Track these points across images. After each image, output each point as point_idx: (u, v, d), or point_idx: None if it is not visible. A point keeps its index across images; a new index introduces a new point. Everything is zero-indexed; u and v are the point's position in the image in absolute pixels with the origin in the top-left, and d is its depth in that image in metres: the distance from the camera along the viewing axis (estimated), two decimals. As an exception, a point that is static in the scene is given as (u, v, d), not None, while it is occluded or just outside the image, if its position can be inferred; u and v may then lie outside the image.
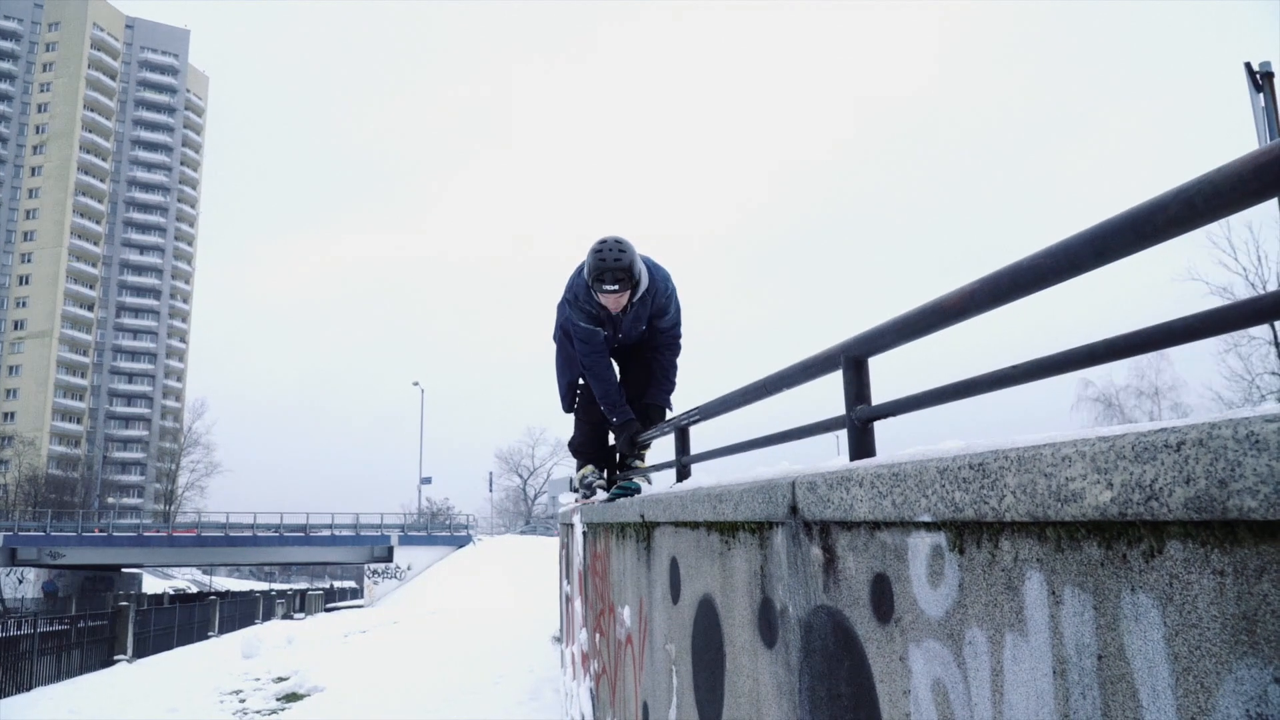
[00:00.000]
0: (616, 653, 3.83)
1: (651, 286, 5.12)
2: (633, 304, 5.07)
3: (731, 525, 2.28)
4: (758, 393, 2.51)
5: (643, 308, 5.16)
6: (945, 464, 1.31)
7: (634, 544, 3.46)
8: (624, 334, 5.23)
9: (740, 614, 2.21)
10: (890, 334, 1.81)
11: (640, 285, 5.00)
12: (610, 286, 4.83)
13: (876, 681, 1.53)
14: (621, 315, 5.13)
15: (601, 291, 4.86)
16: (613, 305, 4.97)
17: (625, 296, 4.95)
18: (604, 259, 4.82)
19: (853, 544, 1.62)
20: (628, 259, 4.85)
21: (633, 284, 4.90)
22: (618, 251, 4.84)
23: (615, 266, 4.80)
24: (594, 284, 4.86)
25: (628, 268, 4.83)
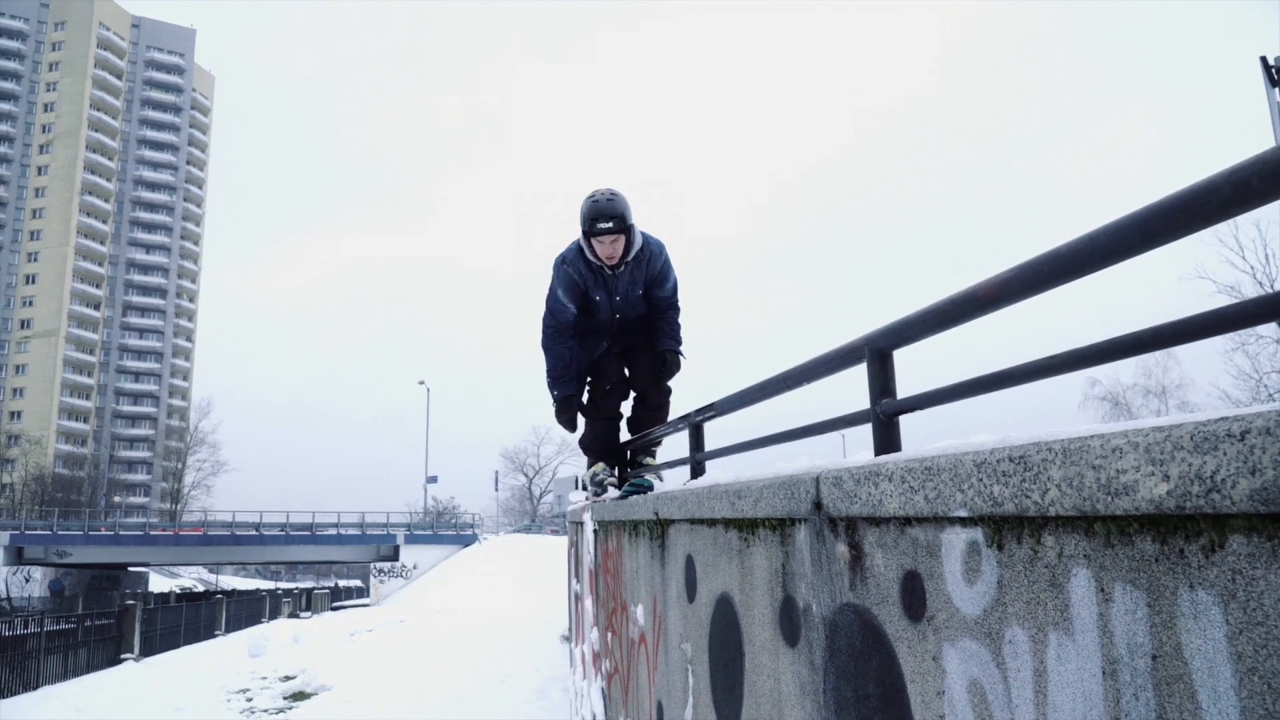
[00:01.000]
0: (629, 652, 3.79)
1: (646, 249, 5.13)
2: (627, 263, 5.07)
3: (751, 522, 2.23)
4: (776, 387, 2.46)
5: (638, 270, 5.13)
6: (982, 457, 1.26)
7: (647, 542, 3.41)
8: (621, 298, 5.16)
9: (760, 612, 2.17)
10: (918, 325, 1.76)
11: (634, 241, 5.04)
12: (604, 224, 4.84)
13: (907, 681, 1.48)
14: (615, 275, 5.09)
15: (596, 235, 4.89)
16: (607, 253, 4.96)
17: (620, 244, 4.95)
18: (596, 201, 4.89)
19: (881, 540, 1.57)
20: (620, 203, 4.89)
21: (626, 229, 4.92)
22: (609, 194, 4.91)
23: (608, 208, 4.85)
24: (587, 230, 4.89)
25: (621, 212, 4.87)
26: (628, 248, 5.04)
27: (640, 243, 5.09)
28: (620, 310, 5.21)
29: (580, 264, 5.14)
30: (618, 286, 5.14)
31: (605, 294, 5.16)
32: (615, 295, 5.16)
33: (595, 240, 4.93)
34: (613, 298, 5.16)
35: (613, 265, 5.07)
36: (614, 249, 4.96)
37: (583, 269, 5.14)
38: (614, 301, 5.18)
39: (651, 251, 5.15)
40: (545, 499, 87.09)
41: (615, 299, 5.16)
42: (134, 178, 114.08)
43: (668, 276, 5.22)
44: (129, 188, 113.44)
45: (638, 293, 5.18)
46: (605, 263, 5.03)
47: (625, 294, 5.16)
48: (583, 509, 5.53)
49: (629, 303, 5.20)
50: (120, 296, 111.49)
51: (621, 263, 5.06)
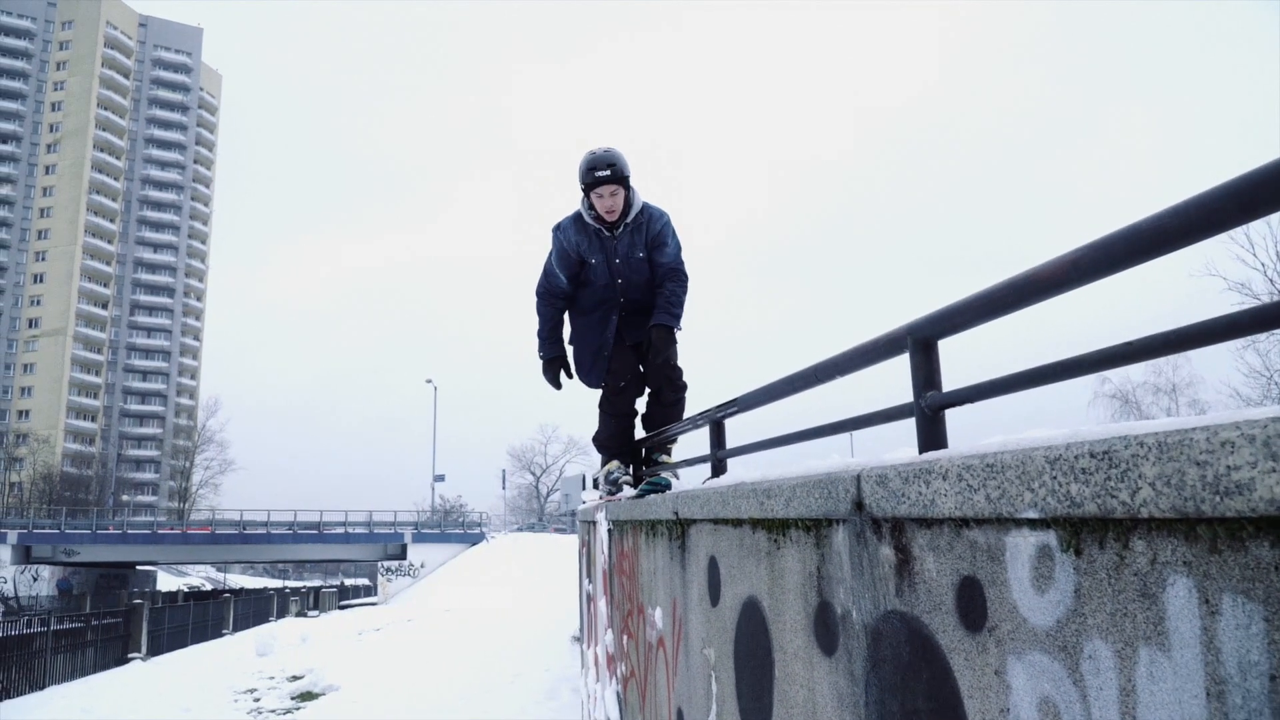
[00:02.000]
0: (647, 656, 3.67)
1: (645, 211, 5.08)
2: (626, 224, 5.01)
3: (781, 523, 2.12)
4: (806, 381, 2.34)
5: (638, 234, 5.06)
6: (1057, 453, 1.15)
7: (666, 542, 3.30)
8: (621, 260, 5.05)
9: (792, 618, 2.05)
10: (968, 312, 1.64)
11: (634, 200, 5.01)
12: (602, 172, 4.83)
13: (965, 698, 1.37)
14: (614, 238, 5.01)
15: (595, 185, 4.86)
16: (607, 208, 4.92)
17: (619, 197, 4.92)
18: (594, 153, 4.91)
19: (933, 544, 1.46)
20: (616, 154, 4.90)
21: (623, 179, 4.88)
22: (605, 148, 4.93)
23: (605, 156, 4.86)
24: (587, 184, 4.88)
25: (617, 161, 4.86)
26: (627, 206, 4.99)
27: (640, 204, 5.06)
28: (621, 274, 5.10)
29: (574, 229, 5.11)
30: (616, 249, 5.05)
31: (603, 256, 5.08)
32: (615, 258, 5.07)
33: (594, 194, 4.91)
34: (611, 260, 5.07)
35: (611, 225, 5.00)
36: (614, 202, 4.91)
37: (576, 234, 5.10)
38: (613, 265, 5.08)
39: (651, 215, 5.10)
40: (552, 497, 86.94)
41: (615, 261, 5.07)
42: (141, 177, 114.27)
43: (667, 239, 5.11)
44: (136, 187, 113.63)
45: (639, 255, 5.07)
46: (605, 219, 4.97)
47: (625, 256, 5.07)
48: (596, 508, 5.41)
49: (630, 266, 5.09)
50: (128, 295, 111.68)
51: (620, 222, 5.00)
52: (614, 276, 5.11)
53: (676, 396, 5.17)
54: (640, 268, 5.10)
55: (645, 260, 5.09)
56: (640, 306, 5.18)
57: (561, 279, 5.22)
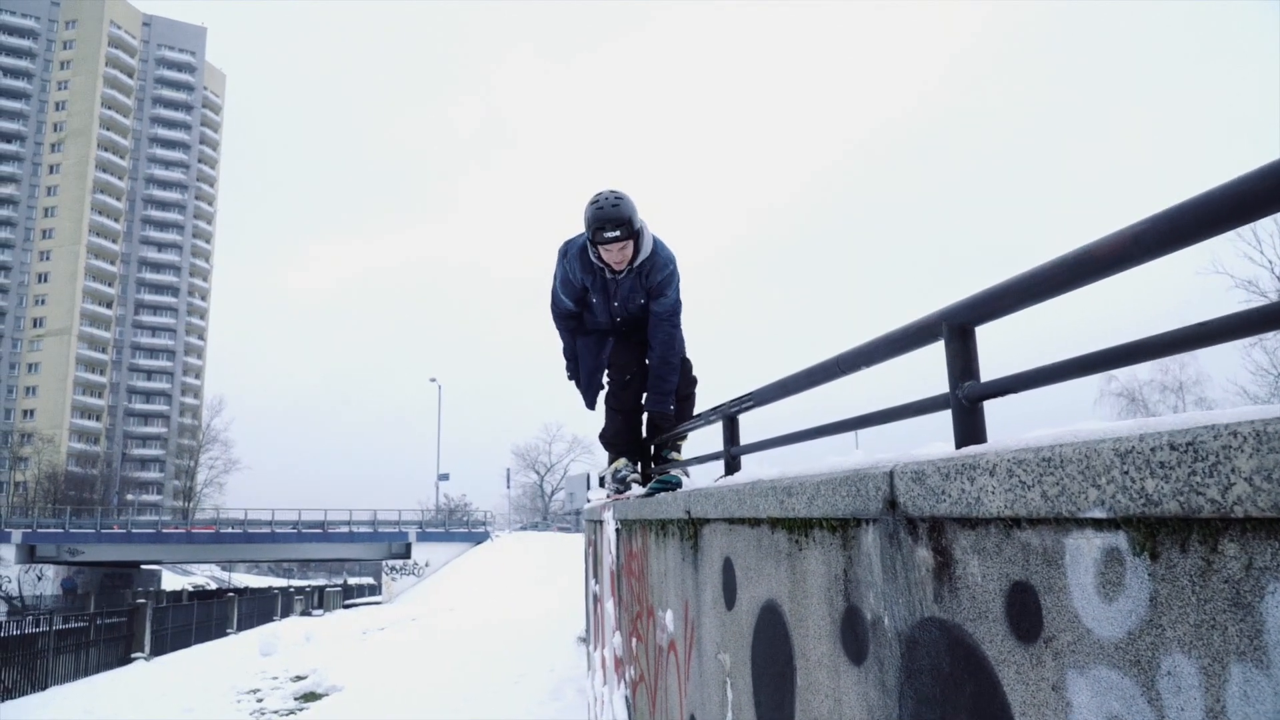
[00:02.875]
0: (657, 660, 3.55)
1: (653, 258, 4.86)
2: (633, 268, 4.81)
3: (804, 523, 2.00)
4: (828, 372, 2.21)
5: (640, 280, 4.87)
6: (1129, 444, 1.02)
7: (677, 543, 3.18)
8: (620, 303, 4.91)
9: (816, 624, 1.93)
10: (1010, 296, 1.52)
11: (644, 244, 4.78)
12: (611, 233, 4.60)
13: (1016, 714, 1.25)
14: (616, 280, 4.85)
15: (603, 243, 4.64)
16: (615, 260, 4.72)
17: (628, 249, 4.71)
18: (601, 207, 4.62)
19: (978, 545, 1.34)
20: (626, 207, 4.62)
21: (634, 233, 4.66)
22: (614, 199, 4.64)
23: (613, 214, 4.58)
24: (594, 236, 4.64)
25: (628, 217, 4.60)
26: (636, 251, 4.78)
27: (649, 250, 4.83)
28: (619, 315, 4.99)
29: (579, 264, 4.90)
30: (617, 292, 4.89)
31: (603, 298, 4.93)
32: (614, 300, 4.92)
33: (603, 249, 4.69)
34: (610, 303, 4.93)
35: (615, 270, 4.83)
36: (622, 255, 4.72)
37: (580, 270, 4.90)
38: (612, 307, 4.95)
39: (655, 263, 4.87)
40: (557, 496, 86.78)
41: (613, 304, 4.93)
42: (145, 176, 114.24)
43: (666, 289, 4.91)
44: (140, 186, 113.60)
45: (639, 301, 4.93)
46: (613, 268, 4.79)
47: (625, 300, 4.93)
48: (603, 507, 5.28)
49: (628, 310, 4.96)
50: (132, 295, 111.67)
51: (627, 268, 4.82)
52: (613, 316, 5.00)
53: (687, 392, 5.04)
54: (639, 311, 5.00)
55: (642, 306, 4.98)
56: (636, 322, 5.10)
57: (567, 303, 5.10)
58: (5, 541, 50.28)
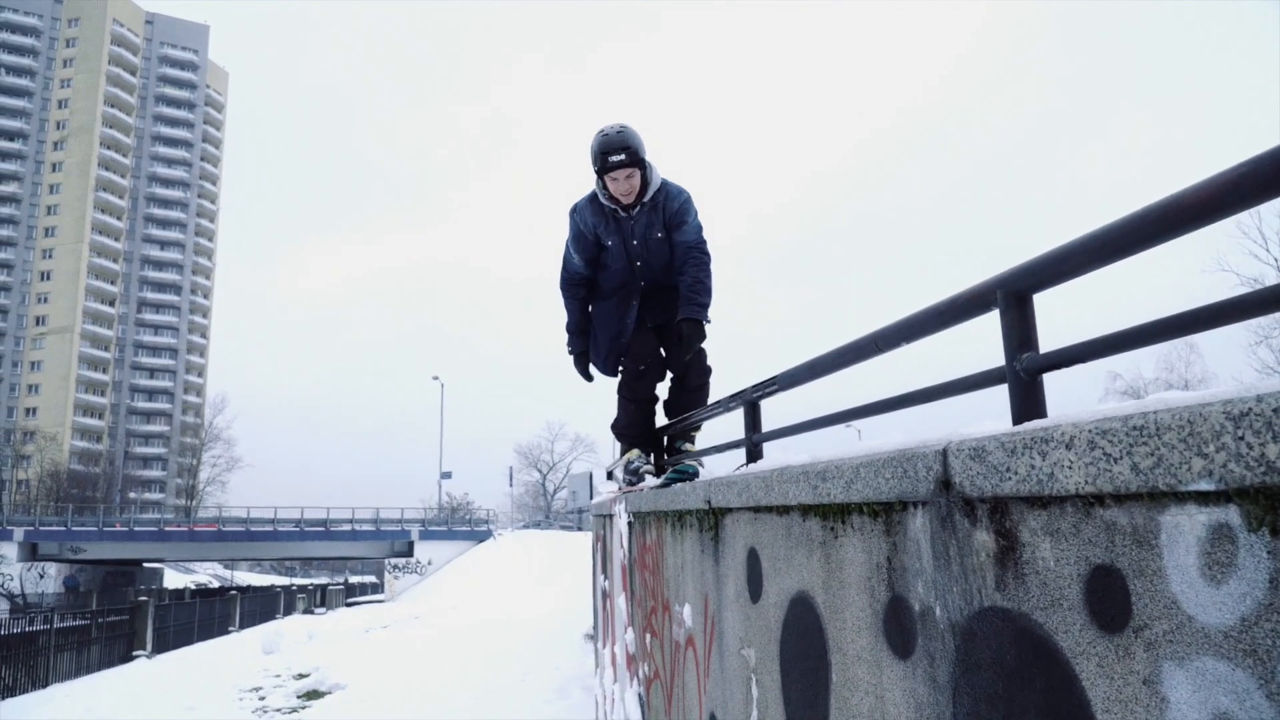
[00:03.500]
0: (674, 656, 3.42)
1: (664, 189, 4.81)
2: (644, 203, 4.75)
3: (840, 508, 1.88)
4: (862, 351, 2.08)
5: (655, 214, 4.79)
6: (1243, 406, 0.91)
7: (696, 534, 3.05)
8: (639, 242, 4.80)
9: (855, 616, 1.81)
10: (1077, 257, 1.40)
11: (652, 179, 4.74)
12: (616, 158, 4.56)
13: (1097, 711, 1.13)
14: (631, 218, 4.77)
15: (609, 171, 4.61)
16: (623, 191, 4.66)
17: (635, 179, 4.66)
18: (606, 135, 4.63)
19: (1051, 526, 1.22)
20: (630, 135, 4.63)
21: (639, 162, 4.63)
22: (619, 127, 4.66)
23: (618, 139, 4.59)
24: (600, 165, 4.63)
25: (632, 143, 4.60)
26: (645, 186, 4.73)
27: (659, 183, 4.79)
28: (639, 256, 4.84)
29: (590, 211, 4.86)
30: (634, 230, 4.80)
31: (619, 239, 4.82)
32: (632, 239, 4.81)
33: (608, 177, 4.65)
34: (628, 242, 4.82)
35: (628, 206, 4.75)
36: (629, 185, 4.65)
37: (592, 216, 4.85)
38: (630, 247, 4.82)
39: (670, 193, 4.83)
40: (559, 494, 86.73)
41: (632, 243, 4.81)
42: (148, 174, 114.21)
43: (687, 216, 4.84)
44: (143, 184, 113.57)
45: (657, 235, 4.81)
46: (621, 200, 4.72)
47: (643, 237, 4.81)
48: (613, 500, 5.16)
49: (648, 248, 4.83)
50: (135, 293, 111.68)
51: (638, 203, 4.75)
52: (632, 259, 4.86)
53: (701, 381, 4.90)
54: (660, 248, 4.84)
55: (664, 240, 4.83)
56: (662, 287, 4.92)
57: (577, 261, 5.00)
58: (7, 539, 50.22)
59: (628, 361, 4.95)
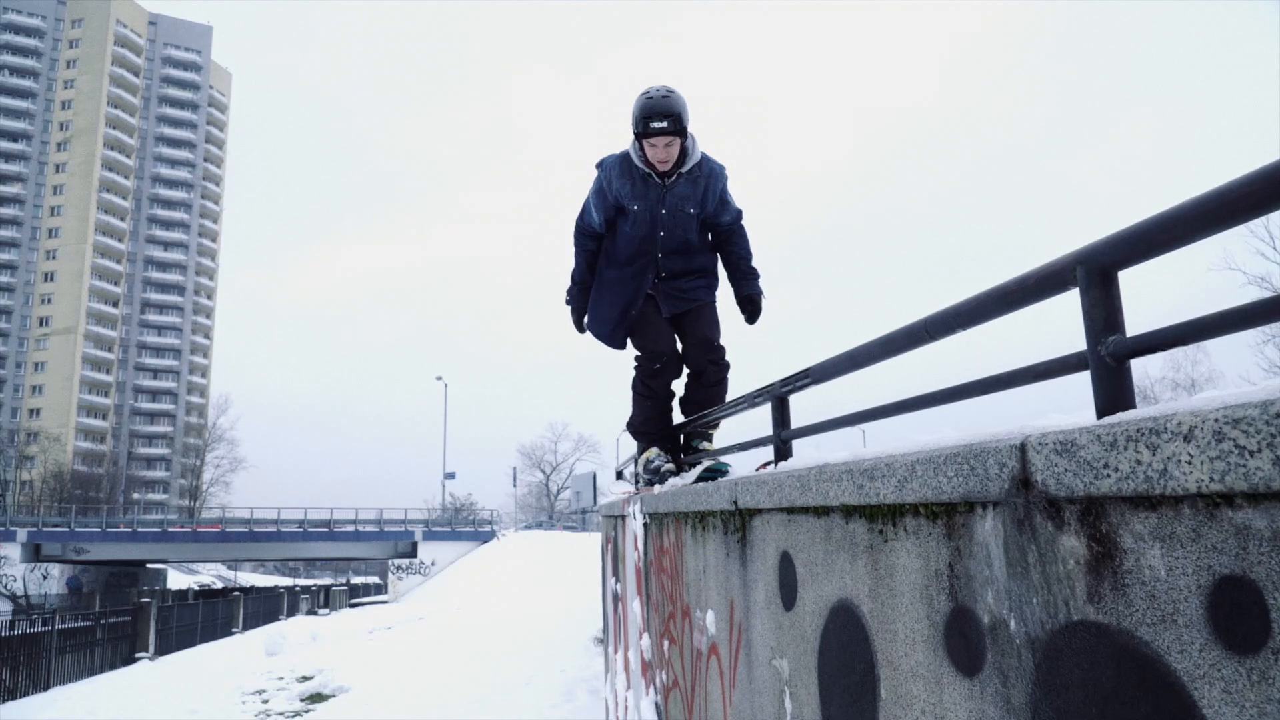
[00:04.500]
0: (695, 665, 3.26)
1: (705, 164, 4.62)
2: (682, 173, 4.56)
3: (891, 510, 1.72)
4: (910, 339, 1.91)
5: (693, 186, 4.59)
6: None
7: (721, 536, 2.89)
8: (669, 211, 4.58)
9: (908, 628, 1.65)
10: (1173, 227, 1.24)
11: (691, 149, 4.54)
12: (659, 124, 4.33)
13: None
14: (665, 186, 4.56)
15: (649, 135, 4.38)
16: (660, 158, 4.46)
17: (675, 148, 4.44)
18: (651, 98, 4.40)
19: (1163, 530, 1.06)
20: (677, 101, 4.40)
21: (682, 130, 4.40)
22: (665, 90, 4.44)
23: (663, 105, 4.36)
24: (641, 128, 4.39)
25: (677, 110, 4.38)
26: (683, 156, 4.53)
27: (699, 156, 4.59)
28: (665, 227, 4.61)
29: (618, 170, 4.62)
30: (666, 199, 4.58)
31: (646, 204, 4.59)
32: (662, 208, 4.59)
33: (647, 142, 4.42)
34: (657, 210, 4.59)
35: (663, 174, 4.54)
36: (668, 153, 4.44)
37: (619, 178, 4.61)
38: (659, 216, 4.59)
39: (713, 170, 4.64)
40: (563, 495, 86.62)
41: (661, 212, 4.59)
42: (152, 175, 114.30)
43: (729, 202, 4.71)
44: (147, 185, 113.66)
45: (689, 210, 4.60)
46: (657, 167, 4.51)
47: (674, 208, 4.59)
48: (626, 500, 4.99)
49: (676, 220, 4.61)
50: (139, 294, 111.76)
51: (675, 171, 4.54)
52: (656, 228, 4.61)
53: (720, 377, 4.71)
54: (686, 223, 4.63)
55: (693, 217, 4.63)
56: (678, 272, 4.71)
57: (595, 218, 4.78)
58: (10, 540, 50.14)
59: (642, 359, 4.77)
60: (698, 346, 4.69)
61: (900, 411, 1.99)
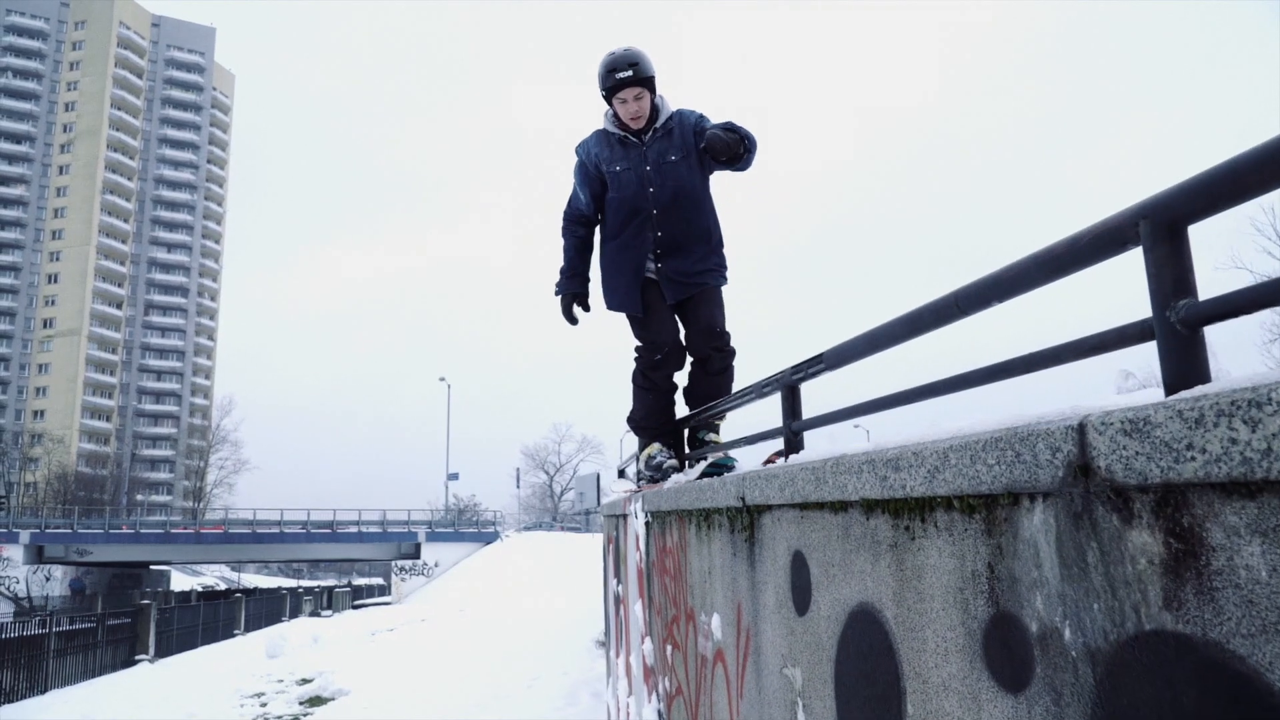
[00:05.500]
0: (699, 671, 3.08)
1: (677, 115, 4.58)
2: (656, 129, 4.52)
3: (920, 504, 1.54)
4: (938, 316, 1.72)
5: (669, 140, 4.52)
6: None
7: (727, 535, 2.71)
8: (653, 167, 4.49)
9: (940, 636, 1.47)
10: (1251, 172, 1.06)
11: (662, 106, 4.53)
12: (624, 73, 4.34)
13: (1353, 786, 0.79)
14: (644, 144, 4.51)
15: (617, 88, 4.39)
16: (631, 113, 4.44)
17: (645, 102, 4.43)
18: (613, 54, 4.42)
19: (1265, 523, 0.88)
20: (637, 54, 4.41)
21: (648, 81, 4.40)
22: (625, 47, 4.46)
23: (625, 56, 4.39)
24: (608, 85, 4.40)
25: (639, 59, 4.38)
26: (655, 112, 4.50)
27: (670, 111, 4.57)
28: (653, 182, 4.50)
29: (595, 141, 4.63)
30: (647, 155, 4.51)
31: (629, 164, 4.53)
32: (645, 165, 4.50)
33: (616, 99, 4.41)
34: (642, 167, 4.50)
35: (639, 131, 4.50)
36: (639, 106, 4.42)
37: (597, 145, 4.61)
38: (644, 172, 4.50)
39: (684, 116, 4.60)
40: (566, 496, 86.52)
41: (645, 169, 4.50)
42: (155, 177, 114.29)
43: (705, 121, 4.59)
44: (150, 187, 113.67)
45: (671, 159, 4.50)
46: (630, 125, 4.48)
47: (656, 162, 4.51)
48: (627, 499, 4.81)
49: (662, 172, 4.50)
50: (142, 295, 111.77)
51: (649, 129, 4.51)
52: (644, 184, 4.51)
53: (725, 364, 4.51)
54: (673, 173, 4.50)
55: (679, 163, 4.51)
56: (678, 235, 4.52)
57: (582, 198, 4.70)
58: (13, 542, 50.04)
59: (644, 349, 4.57)
60: (701, 333, 4.49)
61: (929, 395, 1.80)
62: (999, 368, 1.54)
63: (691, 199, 4.54)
